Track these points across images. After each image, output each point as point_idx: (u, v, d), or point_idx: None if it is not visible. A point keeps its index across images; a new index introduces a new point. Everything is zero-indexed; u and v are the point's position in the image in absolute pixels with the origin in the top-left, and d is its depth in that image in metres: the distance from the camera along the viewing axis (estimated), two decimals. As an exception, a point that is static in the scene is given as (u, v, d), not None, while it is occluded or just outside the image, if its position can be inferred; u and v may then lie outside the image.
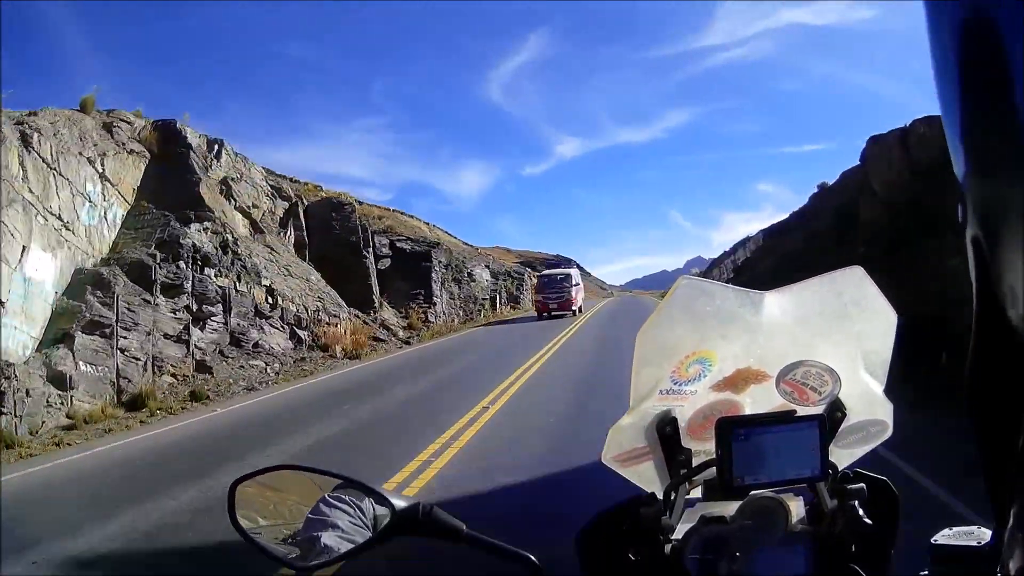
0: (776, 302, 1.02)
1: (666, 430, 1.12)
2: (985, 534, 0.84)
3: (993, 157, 0.41)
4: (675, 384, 1.08)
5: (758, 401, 1.12)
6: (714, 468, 1.04)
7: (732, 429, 1.00)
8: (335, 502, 0.90)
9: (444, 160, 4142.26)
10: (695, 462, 1.14)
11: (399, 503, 0.89)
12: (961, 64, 0.42)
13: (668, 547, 1.04)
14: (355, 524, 0.89)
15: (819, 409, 1.10)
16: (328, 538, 0.86)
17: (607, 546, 1.06)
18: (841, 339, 1.06)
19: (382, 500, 0.89)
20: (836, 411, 1.11)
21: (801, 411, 1.07)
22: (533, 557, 0.89)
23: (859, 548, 1.03)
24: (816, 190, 24.93)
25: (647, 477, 1.18)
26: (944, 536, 0.88)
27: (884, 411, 1.14)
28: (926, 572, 0.88)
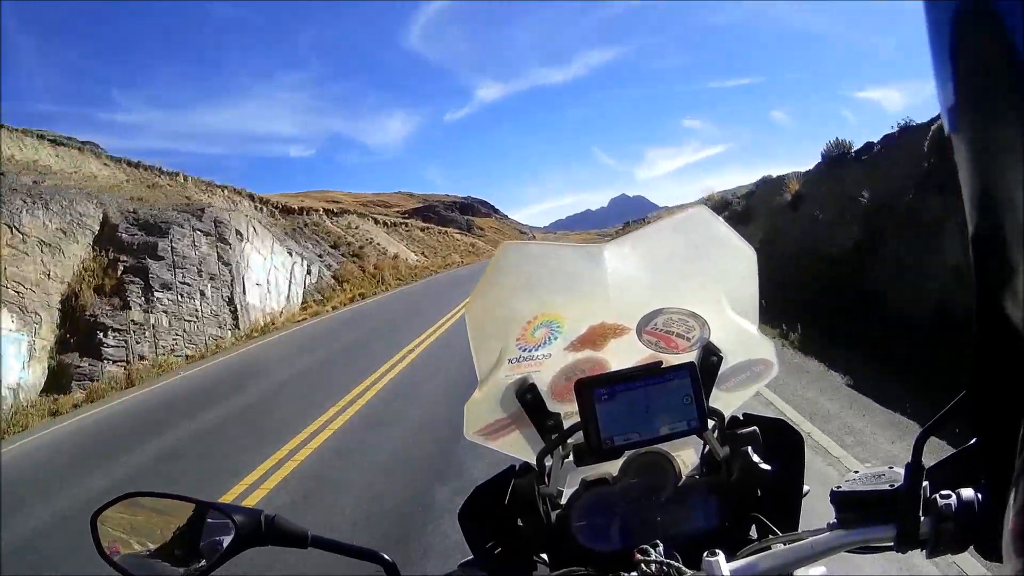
0: (617, 253, 1.01)
1: (527, 397, 1.12)
2: (897, 475, 0.82)
3: (993, 147, 0.40)
4: (524, 351, 1.07)
5: (623, 355, 1.11)
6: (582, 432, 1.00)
7: (592, 390, 0.97)
8: (203, 518, 0.93)
9: (367, 111, 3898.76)
10: (565, 425, 1.13)
11: (240, 517, 0.90)
12: (959, 47, 0.42)
13: (554, 514, 1.05)
14: (222, 533, 0.91)
15: (692, 356, 1.10)
16: (202, 550, 0.90)
17: (492, 520, 1.05)
18: (699, 282, 1.06)
19: (225, 515, 0.91)
20: (711, 355, 1.11)
21: (672, 360, 1.07)
22: (386, 555, 0.91)
23: (764, 494, 1.02)
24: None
25: (518, 446, 1.18)
26: (849, 482, 0.86)
27: (764, 349, 1.15)
28: (835, 519, 0.85)
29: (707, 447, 1.09)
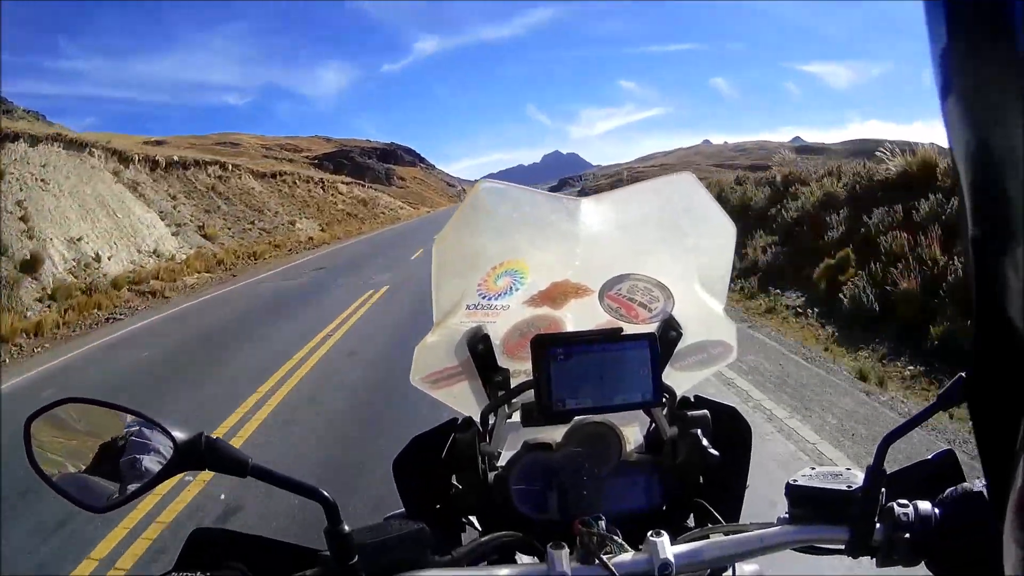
0: (595, 210, 1.00)
1: (478, 348, 1.12)
2: (855, 476, 0.84)
3: (992, 146, 0.41)
4: (483, 298, 1.07)
5: (581, 318, 1.11)
6: (532, 391, 0.99)
7: (549, 348, 0.96)
8: (139, 433, 0.91)
9: (303, 62, 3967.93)
10: (513, 383, 1.13)
11: (180, 435, 0.87)
12: (963, 39, 0.42)
13: (492, 475, 1.04)
14: (161, 452, 0.88)
15: (651, 328, 1.09)
16: (137, 467, 0.88)
17: (427, 475, 1.05)
18: (672, 251, 1.06)
19: (164, 433, 0.88)
20: (670, 330, 1.10)
21: (630, 329, 1.04)
22: (327, 493, 0.87)
23: (707, 480, 1.02)
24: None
25: (462, 399, 1.19)
26: (804, 477, 0.86)
27: (726, 331, 1.15)
28: (786, 513, 0.86)
29: (653, 425, 1.08)
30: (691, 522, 1.02)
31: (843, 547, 0.81)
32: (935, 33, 0.42)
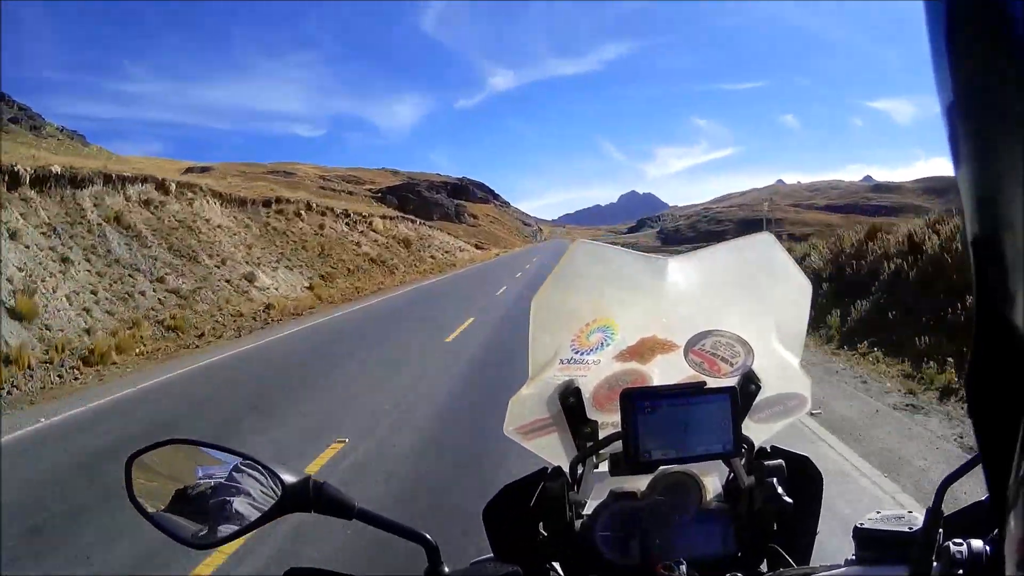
0: (680, 268, 1.05)
1: (570, 400, 1.15)
2: (916, 519, 0.90)
3: (992, 145, 0.42)
4: (576, 353, 1.11)
5: (667, 372, 1.15)
6: (620, 442, 1.05)
7: (637, 401, 1.01)
8: (247, 470, 0.94)
9: (378, 93, 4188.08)
10: (601, 434, 1.17)
11: (289, 479, 0.91)
12: (961, 44, 0.42)
13: (578, 523, 1.09)
14: (265, 494, 0.92)
15: (731, 381, 1.13)
16: (237, 509, 0.90)
17: (515, 522, 1.09)
18: (752, 308, 1.11)
19: (272, 475, 0.92)
20: (750, 383, 1.14)
21: (712, 383, 1.09)
22: (428, 536, 0.92)
23: (781, 527, 1.06)
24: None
25: (552, 450, 1.22)
26: (871, 520, 0.93)
27: (801, 384, 1.18)
28: (853, 555, 0.93)
29: (731, 474, 1.12)
30: (764, 567, 1.08)
31: None
32: (934, 35, 0.42)
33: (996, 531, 0.79)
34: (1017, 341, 0.43)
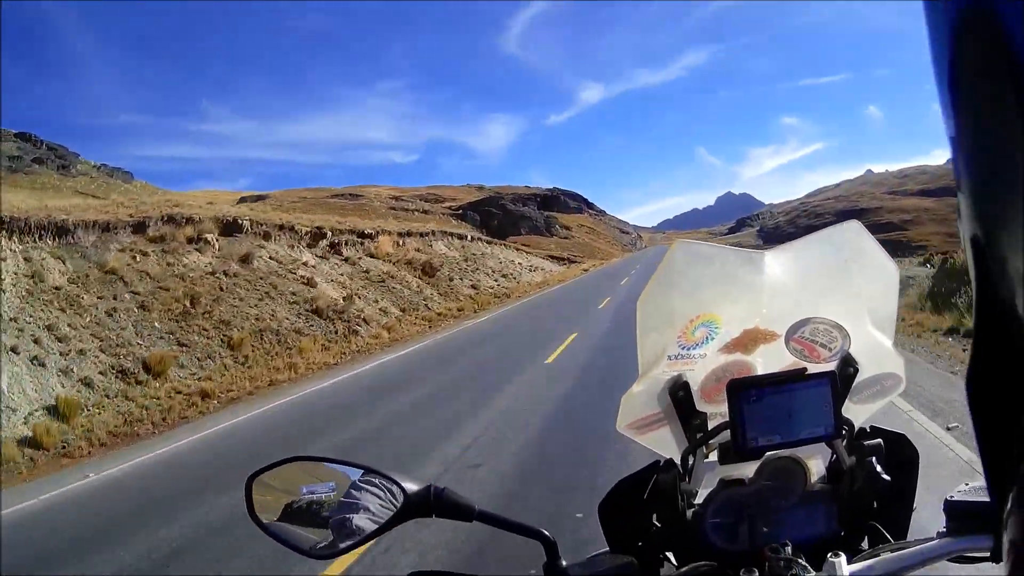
0: (777, 261, 1.09)
1: (679, 395, 1.18)
2: None
3: (991, 144, 0.42)
4: (683, 349, 1.15)
5: (769, 361, 1.19)
6: (728, 431, 1.08)
7: (743, 391, 1.04)
8: (365, 486, 0.97)
9: (467, 116, 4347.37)
10: (710, 425, 1.20)
11: (410, 486, 0.94)
12: (959, 49, 0.43)
13: (690, 512, 1.12)
14: (384, 506, 0.95)
15: (831, 366, 1.15)
16: (359, 519, 0.93)
17: (629, 515, 1.13)
18: (845, 294, 1.14)
19: (394, 484, 0.95)
20: (848, 367, 1.16)
21: (812, 368, 1.12)
22: (546, 532, 0.95)
23: (879, 504, 1.11)
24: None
25: (664, 443, 1.24)
26: (960, 492, 0.96)
27: (896, 364, 1.21)
28: (944, 528, 0.96)
29: (834, 455, 1.15)
30: (865, 544, 1.11)
31: (988, 554, 0.89)
32: (934, 29, 0.43)
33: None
34: (1017, 341, 0.43)
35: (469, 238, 41.80)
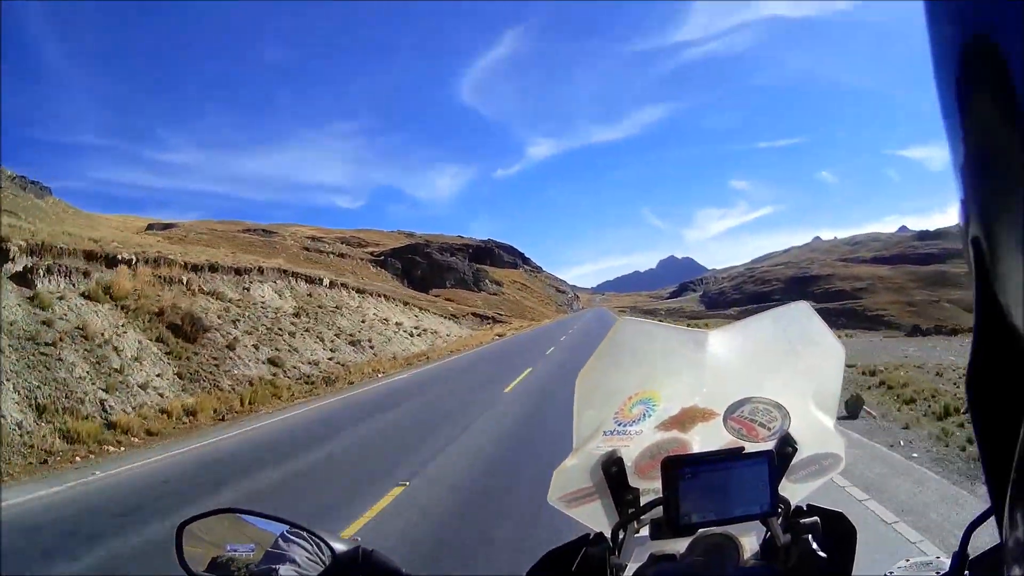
0: (720, 340, 1.08)
1: (612, 470, 1.18)
2: (944, 564, 0.95)
3: (993, 151, 0.43)
4: (619, 425, 1.14)
5: (706, 439, 1.18)
6: (661, 507, 1.09)
7: (679, 468, 1.05)
8: (293, 538, 0.96)
9: (416, 164, 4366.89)
10: (643, 501, 1.19)
11: (339, 546, 0.94)
12: (960, 55, 0.44)
13: None
14: (311, 561, 0.94)
15: (769, 445, 1.16)
16: (285, 571, 0.92)
17: None
18: (789, 375, 1.13)
19: (322, 542, 0.94)
20: (786, 446, 1.16)
21: (750, 447, 1.13)
22: None
23: None
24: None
25: (595, 516, 1.24)
26: (900, 568, 1.01)
27: (836, 444, 1.21)
28: None
29: (768, 533, 1.15)
30: None
31: None
32: (935, 36, 0.45)
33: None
34: (1017, 342, 0.43)
35: (326, 283, 30.02)
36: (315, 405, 14.55)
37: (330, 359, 21.98)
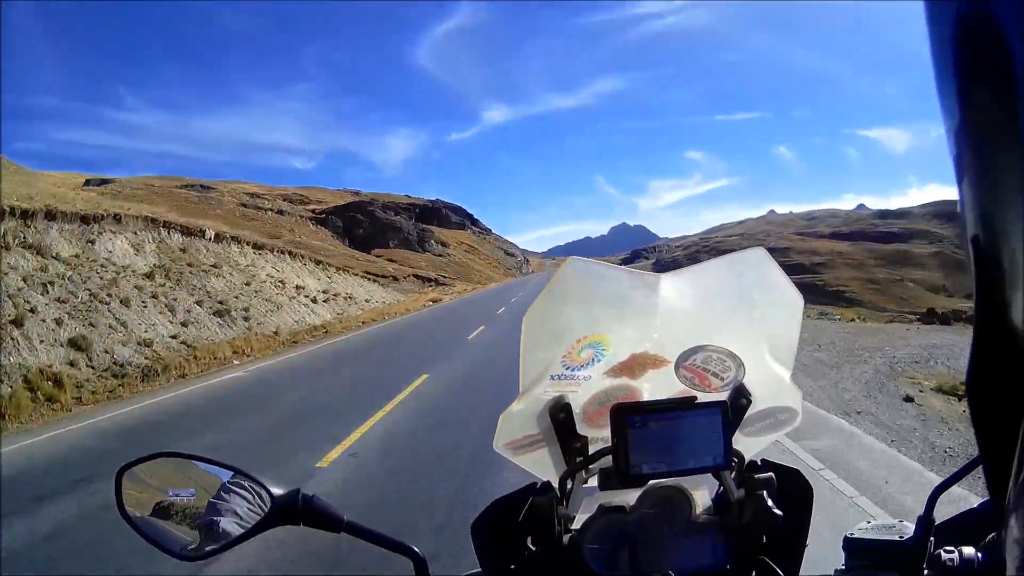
0: (673, 285, 1.06)
1: (560, 416, 1.16)
2: (907, 528, 0.95)
3: (992, 145, 0.43)
4: (567, 369, 1.11)
5: (657, 387, 1.16)
6: (611, 457, 1.05)
7: (628, 416, 1.01)
8: (235, 488, 0.95)
9: (372, 127, 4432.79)
10: (591, 449, 1.17)
11: (278, 491, 0.93)
12: (960, 50, 0.44)
13: (567, 537, 1.08)
14: (252, 511, 0.93)
15: (722, 396, 1.14)
16: (226, 523, 0.91)
17: (504, 536, 1.09)
18: (744, 323, 1.11)
19: (263, 488, 0.94)
20: (740, 397, 1.15)
21: (703, 398, 1.09)
22: (416, 549, 0.95)
23: (770, 539, 1.07)
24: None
25: (542, 465, 1.21)
26: (861, 530, 0.99)
27: (792, 398, 1.19)
28: (843, 566, 0.97)
29: (721, 487, 1.12)
30: None
31: None
32: (935, 29, 0.44)
33: (988, 537, 0.83)
34: (1017, 342, 0.43)
35: (210, 236, 25.05)
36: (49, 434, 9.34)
37: (174, 337, 17.25)
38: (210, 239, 25.08)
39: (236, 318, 20.81)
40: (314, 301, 27.76)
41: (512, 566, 1.07)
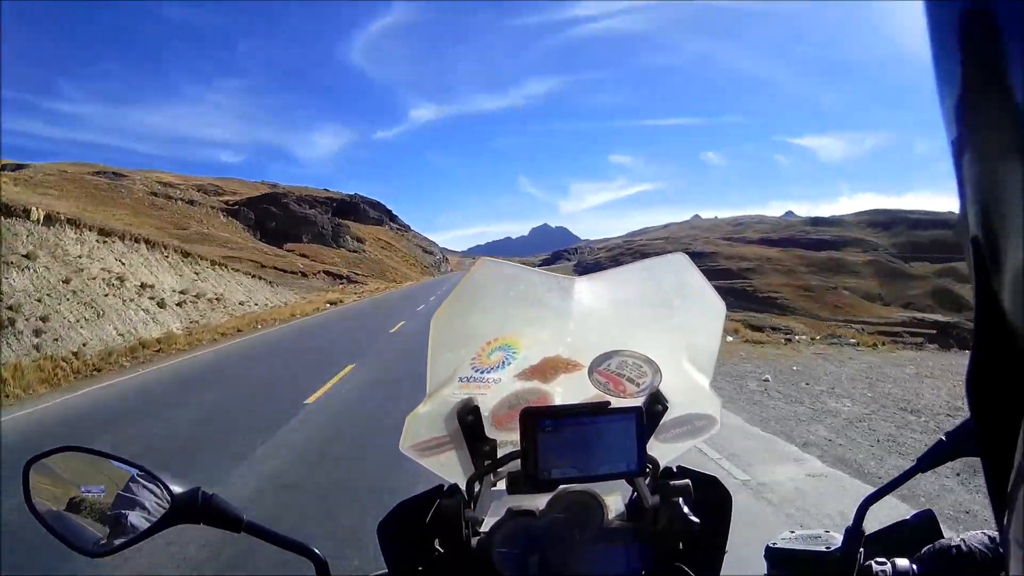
0: (589, 288, 1.05)
1: (468, 419, 1.14)
2: (834, 538, 0.94)
3: (992, 145, 0.43)
4: (476, 371, 1.10)
5: (570, 391, 1.15)
6: (519, 460, 1.04)
7: (538, 420, 1.00)
8: (144, 483, 0.95)
9: (300, 123, 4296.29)
10: (500, 453, 1.16)
11: (177, 490, 0.93)
12: (960, 48, 0.44)
13: (475, 540, 1.07)
14: (159, 506, 0.93)
15: (638, 401, 1.13)
16: (134, 518, 0.92)
17: (411, 538, 1.08)
18: (663, 329, 1.10)
19: (163, 487, 0.93)
20: (656, 403, 1.14)
21: (618, 403, 1.09)
22: (317, 550, 0.94)
23: (687, 547, 1.06)
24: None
25: (449, 467, 1.20)
26: (784, 540, 0.98)
27: (711, 404, 1.18)
28: (765, 574, 0.97)
29: (635, 494, 1.11)
30: None
31: None
32: (936, 31, 0.44)
33: (924, 549, 0.84)
34: (1017, 342, 0.43)
35: (37, 219, 20.81)
36: None
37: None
38: (37, 221, 21.02)
39: (23, 331, 15.67)
40: (161, 305, 23.10)
41: (420, 568, 1.05)
